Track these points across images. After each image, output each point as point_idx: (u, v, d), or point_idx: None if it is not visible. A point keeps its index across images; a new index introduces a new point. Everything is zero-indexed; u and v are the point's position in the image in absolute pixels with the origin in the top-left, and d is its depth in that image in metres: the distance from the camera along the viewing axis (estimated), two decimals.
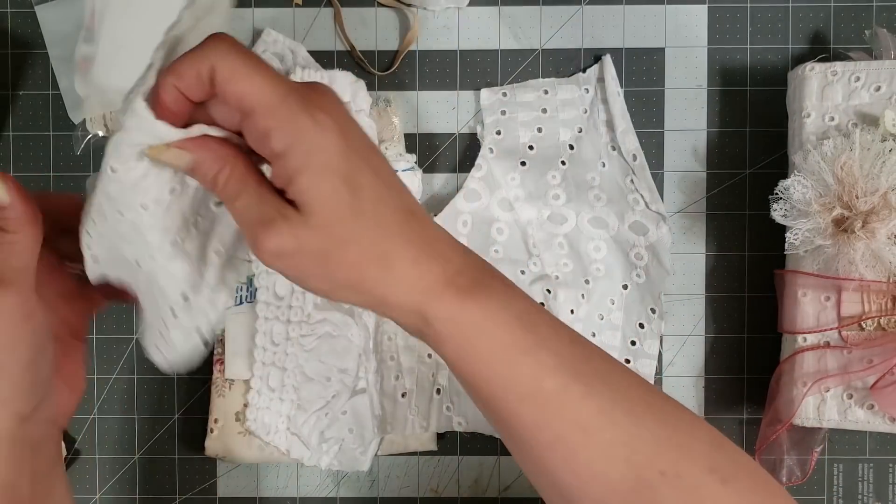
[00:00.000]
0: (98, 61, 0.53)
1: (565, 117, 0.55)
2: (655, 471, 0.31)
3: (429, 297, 0.31)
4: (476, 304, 0.31)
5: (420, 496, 0.57)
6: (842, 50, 0.55)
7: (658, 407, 0.32)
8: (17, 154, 0.56)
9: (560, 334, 0.33)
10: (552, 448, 0.31)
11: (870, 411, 0.51)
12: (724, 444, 0.33)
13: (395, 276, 0.31)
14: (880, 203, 0.48)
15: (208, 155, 0.30)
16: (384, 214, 0.30)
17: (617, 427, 0.31)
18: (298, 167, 0.29)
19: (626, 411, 0.31)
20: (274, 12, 0.56)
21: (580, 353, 0.32)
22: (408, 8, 0.55)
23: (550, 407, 0.31)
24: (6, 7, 0.56)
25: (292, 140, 0.29)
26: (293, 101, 0.29)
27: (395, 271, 0.30)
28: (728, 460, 0.32)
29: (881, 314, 0.50)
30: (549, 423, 0.31)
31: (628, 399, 0.32)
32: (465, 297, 0.31)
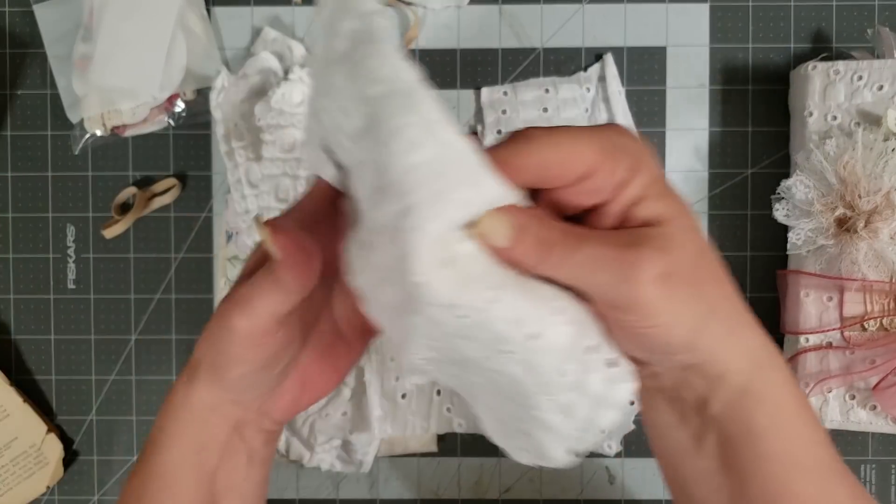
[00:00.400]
0: (96, 60, 0.53)
1: (567, 116, 0.55)
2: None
3: (756, 365, 0.30)
4: (794, 385, 0.31)
5: (420, 497, 0.56)
6: (844, 49, 0.55)
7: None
8: (15, 153, 0.56)
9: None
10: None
11: (872, 412, 0.51)
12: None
13: (734, 335, 0.29)
14: (883, 202, 0.48)
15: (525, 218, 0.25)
16: (724, 277, 0.29)
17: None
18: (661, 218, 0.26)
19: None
20: (274, 11, 0.56)
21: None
22: (408, 7, 0.55)
23: (825, 483, 0.32)
24: (5, 6, 0.56)
25: (665, 210, 0.26)
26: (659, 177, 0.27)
27: (733, 330, 0.29)
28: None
29: (884, 314, 0.50)
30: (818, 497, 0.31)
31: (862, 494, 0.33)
32: (786, 376, 0.31)
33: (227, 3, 0.56)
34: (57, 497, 0.57)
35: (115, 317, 0.56)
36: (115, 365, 0.56)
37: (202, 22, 0.55)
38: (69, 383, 0.56)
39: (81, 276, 0.56)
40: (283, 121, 0.47)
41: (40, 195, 0.56)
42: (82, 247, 0.56)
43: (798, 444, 0.31)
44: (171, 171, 0.56)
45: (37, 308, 0.56)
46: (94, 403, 0.56)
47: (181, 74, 0.54)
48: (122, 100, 0.54)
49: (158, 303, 0.56)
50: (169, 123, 0.55)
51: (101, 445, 0.57)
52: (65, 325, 0.56)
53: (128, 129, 0.55)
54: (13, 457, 0.55)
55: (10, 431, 0.55)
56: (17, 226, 0.56)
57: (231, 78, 0.50)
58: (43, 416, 0.55)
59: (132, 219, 0.55)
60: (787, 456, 0.31)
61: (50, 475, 0.55)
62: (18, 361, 0.57)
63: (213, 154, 0.56)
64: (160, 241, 0.56)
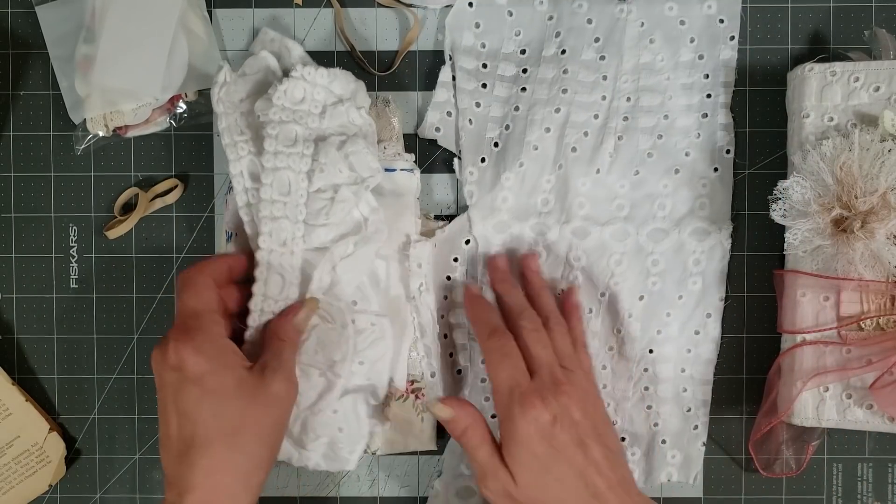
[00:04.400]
0: (98, 61, 0.53)
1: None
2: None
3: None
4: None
5: (420, 496, 0.57)
6: (841, 50, 0.55)
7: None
8: (17, 154, 0.57)
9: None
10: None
11: (869, 411, 0.51)
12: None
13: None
14: (879, 203, 0.48)
15: (461, 411, 0.46)
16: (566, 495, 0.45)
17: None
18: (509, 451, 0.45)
19: None
20: (274, 12, 0.56)
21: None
22: (408, 8, 0.55)
23: None
24: (6, 7, 0.56)
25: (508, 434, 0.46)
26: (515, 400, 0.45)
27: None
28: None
29: (880, 314, 0.50)
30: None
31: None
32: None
33: (227, 5, 0.56)
34: (59, 495, 0.57)
35: (117, 316, 0.57)
36: (118, 364, 0.57)
37: (203, 23, 0.55)
38: (71, 382, 0.57)
39: (84, 276, 0.57)
40: (285, 116, 0.48)
41: (43, 195, 0.56)
42: (85, 247, 0.56)
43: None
44: (173, 171, 0.57)
45: (39, 307, 0.57)
46: (97, 402, 0.57)
47: (183, 75, 0.54)
48: (124, 101, 0.54)
49: (160, 302, 0.57)
50: (171, 124, 0.56)
51: (104, 444, 0.57)
52: (67, 325, 0.57)
53: (130, 130, 0.55)
54: (15, 455, 0.55)
55: (13, 430, 0.55)
56: (19, 226, 0.57)
57: (233, 73, 0.50)
58: (45, 415, 0.56)
59: (135, 219, 0.56)
60: None
61: (52, 473, 0.56)
62: (21, 360, 0.57)
63: (214, 155, 0.56)
64: (162, 241, 0.56)
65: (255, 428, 0.43)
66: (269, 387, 0.43)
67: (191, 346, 0.42)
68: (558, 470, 0.44)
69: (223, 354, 0.43)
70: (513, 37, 0.55)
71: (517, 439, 0.44)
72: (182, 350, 0.42)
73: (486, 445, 0.46)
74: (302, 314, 0.47)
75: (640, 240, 0.54)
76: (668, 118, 0.54)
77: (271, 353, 0.45)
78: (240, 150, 0.49)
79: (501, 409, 0.46)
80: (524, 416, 0.44)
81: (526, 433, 0.44)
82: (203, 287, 0.45)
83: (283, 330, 0.46)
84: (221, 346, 0.44)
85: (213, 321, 0.44)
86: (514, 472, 0.44)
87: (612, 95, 0.54)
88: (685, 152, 0.55)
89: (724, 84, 0.55)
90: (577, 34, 0.54)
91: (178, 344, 0.42)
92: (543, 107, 0.53)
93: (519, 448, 0.44)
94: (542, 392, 0.45)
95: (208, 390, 0.42)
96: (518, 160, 0.54)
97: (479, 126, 0.55)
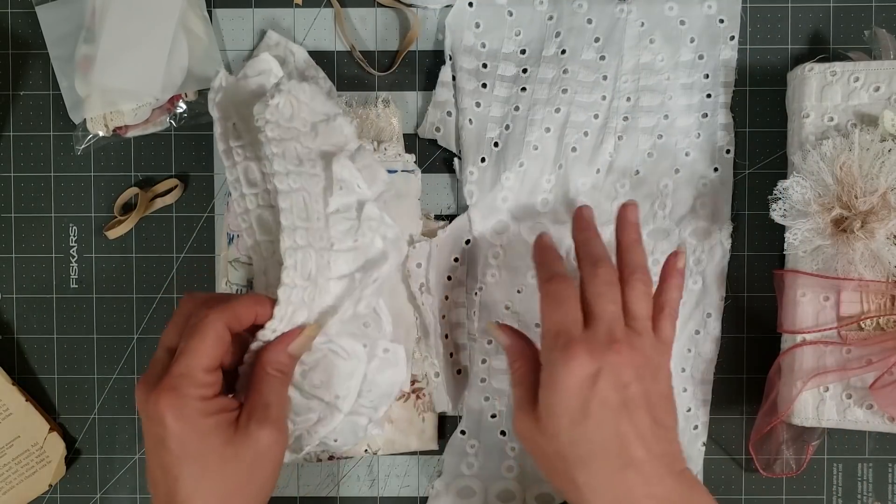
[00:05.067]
0: (98, 61, 0.53)
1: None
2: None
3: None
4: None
5: (420, 496, 0.57)
6: (841, 50, 0.55)
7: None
8: (17, 154, 0.57)
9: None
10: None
11: (869, 411, 0.51)
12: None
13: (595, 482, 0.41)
14: (879, 203, 0.48)
15: (518, 344, 0.46)
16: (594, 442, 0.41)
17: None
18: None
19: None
20: (274, 12, 0.56)
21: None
22: (408, 8, 0.55)
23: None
24: (6, 7, 0.56)
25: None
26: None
27: (595, 479, 0.41)
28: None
29: (880, 314, 0.50)
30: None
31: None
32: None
33: (227, 5, 0.56)
34: (59, 495, 0.57)
35: (117, 316, 0.57)
36: (118, 364, 0.57)
37: (203, 23, 0.55)
38: (71, 382, 0.57)
39: (84, 276, 0.57)
40: (284, 134, 0.44)
41: (43, 195, 0.56)
42: (85, 247, 0.56)
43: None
44: (173, 171, 0.57)
45: (39, 307, 0.57)
46: (97, 402, 0.57)
47: (183, 75, 0.54)
48: (124, 101, 0.54)
49: (160, 302, 0.57)
50: (171, 124, 0.56)
51: (104, 444, 0.57)
52: (67, 325, 0.57)
53: (130, 130, 0.55)
54: (15, 455, 0.55)
55: (13, 430, 0.55)
56: (19, 226, 0.57)
57: (230, 78, 0.50)
58: (45, 415, 0.56)
59: (135, 219, 0.56)
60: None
61: (52, 473, 0.56)
62: (21, 360, 0.57)
63: (214, 155, 0.56)
64: (162, 241, 0.56)
65: (241, 492, 0.40)
66: (256, 443, 0.40)
67: (175, 408, 0.39)
68: (590, 428, 0.41)
69: (208, 417, 0.39)
70: (513, 37, 0.55)
71: (553, 387, 0.41)
72: (164, 408, 0.38)
73: (526, 385, 0.44)
74: (298, 342, 0.43)
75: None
76: (668, 118, 0.54)
77: (258, 395, 0.41)
78: (235, 156, 0.48)
79: (544, 354, 0.43)
80: (565, 366, 0.41)
81: (563, 383, 0.41)
82: (211, 341, 0.40)
83: (276, 361, 0.42)
84: (208, 409, 0.40)
85: (205, 383, 0.40)
86: (544, 420, 0.42)
87: (613, 95, 0.54)
88: (685, 152, 0.55)
89: (724, 84, 0.55)
90: (577, 34, 0.54)
91: (161, 399, 0.38)
92: (543, 107, 0.53)
93: (553, 397, 0.41)
94: (590, 345, 0.41)
95: (189, 454, 0.39)
96: (518, 160, 0.54)
97: (479, 126, 0.55)
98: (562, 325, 0.42)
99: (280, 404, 0.42)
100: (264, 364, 0.42)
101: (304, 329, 0.43)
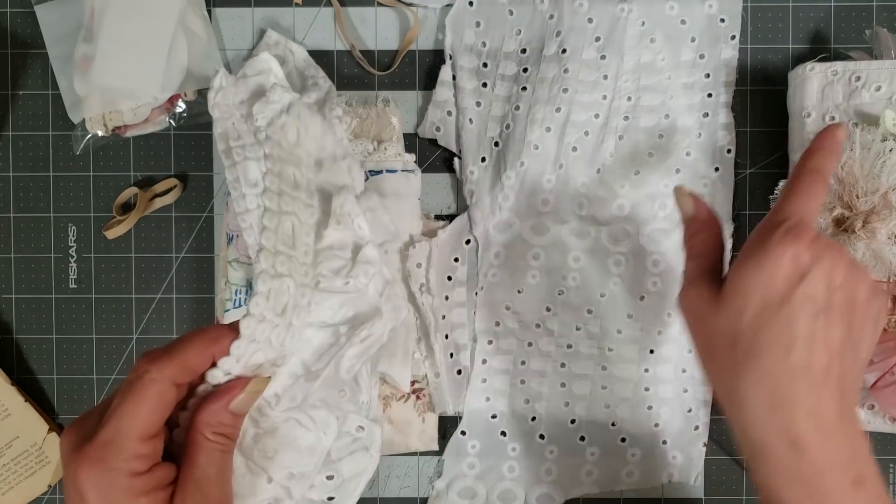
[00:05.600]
0: (97, 61, 0.53)
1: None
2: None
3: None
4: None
5: (420, 496, 0.57)
6: (842, 50, 0.55)
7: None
8: (16, 154, 0.56)
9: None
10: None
11: (870, 411, 0.51)
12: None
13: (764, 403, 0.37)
14: (880, 203, 0.48)
15: (704, 214, 0.42)
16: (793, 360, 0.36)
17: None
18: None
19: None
20: (274, 12, 0.56)
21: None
22: (408, 7, 0.55)
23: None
24: (6, 7, 0.56)
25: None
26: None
27: (760, 371, 0.37)
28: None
29: None
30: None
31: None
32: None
33: (227, 5, 0.56)
34: (58, 496, 0.57)
35: (116, 316, 0.57)
36: (117, 364, 0.57)
37: (203, 22, 0.55)
38: (70, 383, 0.57)
39: (83, 276, 0.56)
40: (283, 154, 0.38)
41: (42, 195, 0.56)
42: (84, 247, 0.56)
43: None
44: (173, 171, 0.56)
45: (38, 308, 0.57)
46: (96, 402, 0.57)
47: (182, 75, 0.54)
48: (123, 100, 0.54)
49: (159, 302, 0.56)
50: (170, 124, 0.56)
51: None
52: (66, 325, 0.57)
53: (129, 130, 0.55)
54: (14, 456, 0.55)
55: (12, 431, 0.55)
56: (18, 226, 0.56)
57: (230, 77, 0.50)
58: (44, 416, 0.56)
59: (134, 219, 0.55)
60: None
61: (51, 474, 0.55)
62: (20, 361, 0.57)
63: (214, 154, 0.56)
64: (161, 240, 0.56)
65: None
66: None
67: (99, 484, 0.32)
68: (782, 318, 0.36)
69: (138, 498, 0.32)
70: (513, 36, 0.55)
71: (758, 265, 0.37)
72: (84, 483, 0.32)
73: (706, 259, 0.41)
74: (240, 399, 0.35)
75: (640, 240, 0.54)
76: (668, 118, 0.54)
77: (192, 469, 0.34)
78: (235, 156, 0.48)
79: (760, 233, 0.38)
80: (781, 247, 0.36)
81: (772, 264, 0.36)
82: (150, 404, 0.33)
83: (215, 422, 0.34)
84: (139, 487, 0.33)
85: (137, 455, 0.32)
86: (729, 297, 0.38)
87: (613, 95, 0.54)
88: (686, 152, 0.55)
89: (725, 83, 0.55)
90: (577, 33, 0.54)
91: (82, 471, 0.32)
92: (544, 106, 0.53)
93: (753, 274, 0.37)
94: (815, 237, 0.37)
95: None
96: (519, 159, 0.53)
97: (479, 125, 0.55)
98: (794, 213, 0.38)
99: (220, 478, 0.34)
100: (201, 427, 0.34)
101: (249, 380, 0.35)
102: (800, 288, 0.36)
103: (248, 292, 0.53)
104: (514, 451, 0.55)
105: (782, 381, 0.36)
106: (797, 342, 0.36)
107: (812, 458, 0.35)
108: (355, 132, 0.53)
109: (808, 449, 0.35)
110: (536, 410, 0.55)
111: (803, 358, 0.36)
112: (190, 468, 0.34)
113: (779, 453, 0.36)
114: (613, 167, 0.54)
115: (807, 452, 0.35)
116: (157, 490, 0.33)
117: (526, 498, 0.55)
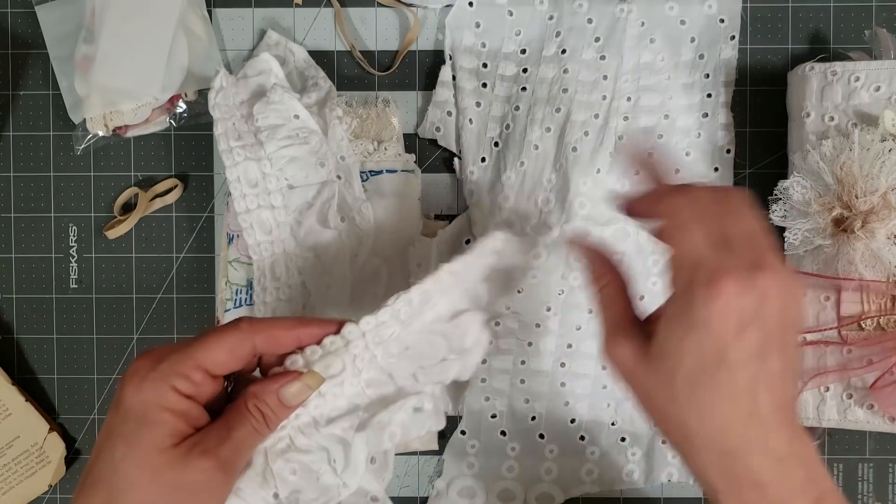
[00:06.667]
0: (98, 61, 0.53)
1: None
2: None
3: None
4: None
5: (420, 496, 0.57)
6: (841, 50, 0.55)
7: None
8: (17, 154, 0.56)
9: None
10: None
11: (869, 411, 0.51)
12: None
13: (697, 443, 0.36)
14: (880, 203, 0.48)
15: (600, 260, 0.41)
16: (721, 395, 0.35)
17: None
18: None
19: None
20: (274, 12, 0.56)
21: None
22: (408, 8, 0.55)
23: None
24: (6, 7, 0.56)
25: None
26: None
27: (710, 429, 0.35)
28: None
29: (881, 314, 0.50)
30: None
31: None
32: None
33: (227, 5, 0.56)
34: (59, 496, 0.57)
35: (117, 316, 0.57)
36: (118, 364, 0.57)
37: (203, 23, 0.55)
38: (71, 382, 0.57)
39: (84, 276, 0.57)
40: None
41: (42, 195, 0.56)
42: (84, 247, 0.56)
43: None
44: (173, 171, 0.56)
45: (39, 307, 0.57)
46: (96, 402, 0.57)
47: (182, 75, 0.54)
48: (123, 100, 0.54)
49: (160, 302, 0.57)
50: (171, 124, 0.56)
51: None
52: (67, 325, 0.57)
53: (129, 130, 0.55)
54: (15, 455, 0.55)
55: (12, 430, 0.55)
56: (19, 226, 0.57)
57: (230, 78, 0.50)
58: (45, 415, 0.56)
59: (135, 219, 0.55)
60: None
61: (52, 474, 0.56)
62: (21, 360, 0.57)
63: (214, 154, 0.56)
64: (162, 241, 0.56)
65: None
66: (183, 472, 0.34)
67: (138, 375, 0.35)
68: (722, 378, 0.34)
69: (155, 403, 0.35)
70: (513, 36, 0.55)
71: (688, 326, 0.34)
72: (130, 370, 0.36)
73: (620, 306, 0.39)
74: (292, 389, 0.37)
75: (640, 240, 0.54)
76: (668, 118, 0.54)
77: (221, 424, 0.36)
78: (235, 156, 0.48)
79: (679, 286, 0.35)
80: (709, 303, 0.33)
81: (703, 325, 0.33)
82: (226, 345, 0.36)
83: (261, 399, 0.36)
84: (161, 397, 0.35)
85: (184, 375, 0.35)
86: (659, 359, 0.35)
87: (613, 95, 0.54)
88: (686, 152, 0.55)
89: (724, 84, 0.55)
90: (577, 34, 0.54)
91: (137, 362, 0.36)
92: (544, 106, 0.53)
93: (683, 337, 0.34)
94: (737, 273, 0.33)
95: (131, 454, 0.35)
96: (519, 159, 0.53)
97: (479, 125, 0.55)
98: (696, 251, 0.34)
99: (236, 449, 0.36)
100: (248, 397, 0.36)
101: (304, 374, 0.37)
102: (737, 345, 0.34)
103: (248, 292, 0.53)
104: (513, 450, 0.55)
105: (730, 431, 0.35)
106: (740, 395, 0.34)
107: (772, 492, 0.35)
108: (355, 132, 0.54)
109: (767, 485, 0.35)
110: (536, 410, 0.55)
111: (747, 405, 0.35)
112: (220, 422, 0.36)
113: (738, 494, 0.35)
114: (613, 167, 0.54)
115: (766, 489, 0.35)
116: (181, 419, 0.35)
117: (526, 497, 0.55)
